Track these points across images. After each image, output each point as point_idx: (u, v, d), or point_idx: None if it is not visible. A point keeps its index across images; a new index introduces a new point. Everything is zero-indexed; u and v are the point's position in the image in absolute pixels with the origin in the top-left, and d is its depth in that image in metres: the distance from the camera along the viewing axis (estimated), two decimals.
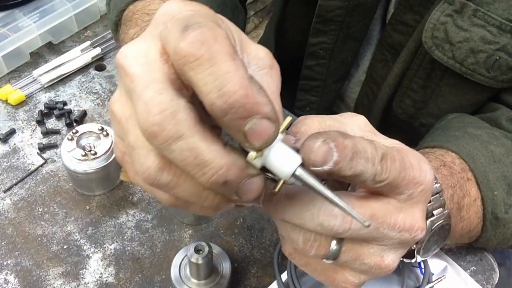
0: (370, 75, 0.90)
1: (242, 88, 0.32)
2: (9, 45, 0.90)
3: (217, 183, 0.34)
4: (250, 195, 0.36)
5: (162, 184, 0.36)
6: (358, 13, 0.81)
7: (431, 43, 0.71)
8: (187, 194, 0.37)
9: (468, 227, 0.61)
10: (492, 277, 0.70)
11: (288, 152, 0.37)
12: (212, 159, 0.34)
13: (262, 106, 0.33)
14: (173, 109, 0.33)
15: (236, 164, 0.35)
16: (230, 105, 0.32)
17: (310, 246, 0.42)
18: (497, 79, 0.70)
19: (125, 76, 0.36)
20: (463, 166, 0.62)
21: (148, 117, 0.33)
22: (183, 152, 0.34)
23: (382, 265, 0.43)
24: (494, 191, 0.61)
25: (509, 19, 0.66)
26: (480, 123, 0.72)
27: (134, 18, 0.70)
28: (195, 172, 0.34)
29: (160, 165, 0.36)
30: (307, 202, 0.41)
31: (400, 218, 0.42)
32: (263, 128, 0.33)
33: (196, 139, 0.34)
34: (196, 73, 0.33)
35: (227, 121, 0.33)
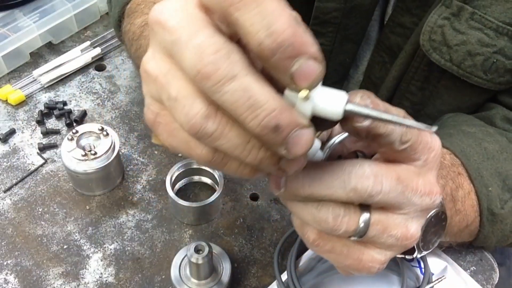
0: (368, 77, 0.90)
1: (290, 27, 0.32)
2: (9, 45, 0.90)
3: (269, 127, 0.33)
4: (299, 148, 0.35)
5: (207, 133, 0.35)
6: (355, 15, 0.82)
7: (429, 46, 0.71)
8: (231, 145, 0.36)
9: (466, 221, 0.62)
10: (492, 277, 0.70)
11: (331, 92, 0.36)
12: (265, 100, 0.33)
13: (309, 46, 0.33)
14: (227, 49, 0.33)
15: (289, 109, 0.34)
16: (279, 44, 0.32)
17: (340, 222, 0.41)
18: (494, 82, 0.70)
19: (162, 31, 0.35)
20: (454, 162, 0.63)
21: (201, 59, 0.33)
22: (236, 93, 0.33)
23: (408, 235, 0.43)
24: (488, 187, 0.62)
25: (506, 22, 0.66)
26: (475, 121, 0.73)
27: (140, 8, 0.70)
28: (246, 114, 0.33)
29: (207, 112, 0.35)
30: (336, 169, 0.40)
31: (420, 182, 0.42)
32: (311, 68, 0.33)
33: (250, 79, 0.33)
34: (242, 13, 0.32)
35: (276, 61, 0.33)
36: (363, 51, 0.91)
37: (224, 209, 0.76)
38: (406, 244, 0.44)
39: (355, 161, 0.40)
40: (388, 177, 0.40)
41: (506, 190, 0.63)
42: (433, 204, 0.44)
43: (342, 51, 0.88)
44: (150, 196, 0.77)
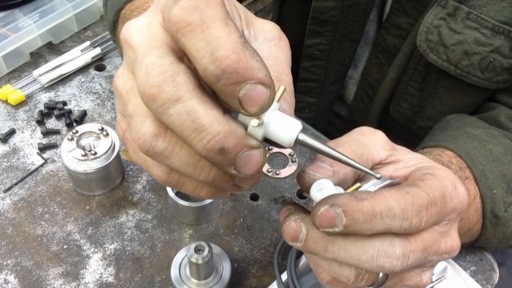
0: (365, 79, 0.90)
1: (234, 53, 0.32)
2: (9, 45, 0.90)
3: (214, 150, 0.33)
4: (248, 168, 0.35)
5: (157, 152, 0.36)
6: (353, 14, 0.82)
7: (426, 46, 0.71)
8: (182, 164, 0.36)
9: (468, 226, 0.61)
10: (492, 277, 0.70)
11: (288, 119, 0.36)
12: (209, 124, 0.33)
13: (255, 71, 0.33)
14: (172, 71, 0.33)
15: (235, 132, 0.34)
16: (223, 71, 0.32)
17: (360, 280, 0.42)
18: (492, 80, 0.70)
19: (128, 49, 0.36)
20: (461, 165, 0.63)
21: (147, 80, 0.33)
22: (180, 116, 0.33)
23: (420, 284, 0.44)
24: (493, 189, 0.62)
25: (502, 21, 0.66)
26: (479, 122, 0.73)
27: (133, 15, 0.71)
28: (192, 137, 0.33)
29: (155, 131, 0.35)
30: (365, 243, 0.40)
31: (443, 243, 0.42)
32: (258, 93, 0.33)
33: (194, 102, 0.33)
34: (188, 39, 0.32)
35: (221, 87, 0.33)
36: (362, 51, 0.90)
37: (224, 209, 0.76)
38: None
39: (385, 238, 0.40)
40: (415, 251, 0.40)
41: (510, 193, 0.63)
42: (450, 257, 0.44)
43: (340, 50, 0.88)
44: (150, 196, 0.77)
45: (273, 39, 0.40)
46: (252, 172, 0.35)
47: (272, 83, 0.34)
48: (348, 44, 0.87)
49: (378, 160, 0.47)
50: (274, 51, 0.39)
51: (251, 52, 0.33)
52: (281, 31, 0.41)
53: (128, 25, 0.37)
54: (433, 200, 0.40)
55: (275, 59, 0.39)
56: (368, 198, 0.39)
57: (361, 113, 0.93)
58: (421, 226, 0.40)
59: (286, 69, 0.40)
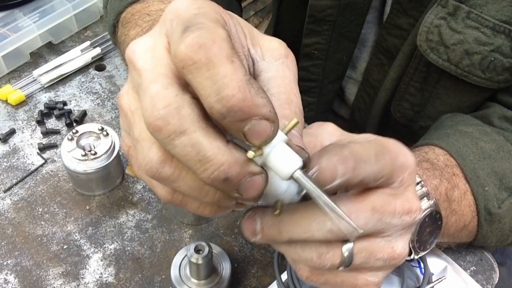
0: (366, 79, 0.90)
1: (240, 92, 0.32)
2: (9, 45, 0.90)
3: (218, 180, 0.34)
4: (251, 192, 0.36)
5: (163, 177, 0.37)
6: (350, 12, 0.82)
7: (426, 46, 0.71)
8: (188, 188, 0.37)
9: (463, 221, 0.62)
10: (492, 277, 0.70)
11: (289, 153, 0.37)
12: (213, 156, 0.34)
13: (260, 108, 0.33)
14: (177, 104, 0.34)
15: (238, 161, 0.35)
16: (229, 109, 0.32)
17: (325, 258, 0.42)
18: (493, 80, 0.70)
19: (133, 71, 0.37)
20: (448, 163, 0.63)
21: (153, 112, 0.34)
22: (185, 148, 0.34)
23: (395, 255, 0.44)
24: (485, 186, 0.62)
25: (503, 20, 0.66)
26: (472, 120, 0.73)
27: (134, 19, 0.70)
28: (196, 168, 0.34)
29: (162, 157, 0.36)
30: (310, 213, 0.41)
31: (398, 204, 0.42)
32: (262, 128, 0.34)
33: (198, 135, 0.34)
34: (194, 77, 0.33)
35: (227, 124, 0.33)
36: (361, 52, 0.90)
37: None
38: (395, 263, 0.45)
39: None
40: (363, 211, 0.40)
41: (503, 189, 0.63)
42: (414, 220, 0.44)
43: (338, 49, 0.88)
44: (150, 196, 0.77)
45: (280, 57, 0.40)
46: (255, 195, 0.37)
47: (276, 117, 0.34)
48: (346, 43, 0.87)
49: None
50: (282, 70, 0.40)
51: (256, 89, 0.34)
52: (287, 49, 0.41)
53: (132, 46, 0.37)
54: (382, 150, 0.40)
55: (284, 78, 0.39)
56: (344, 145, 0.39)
57: (362, 113, 0.93)
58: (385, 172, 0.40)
59: (294, 89, 0.40)
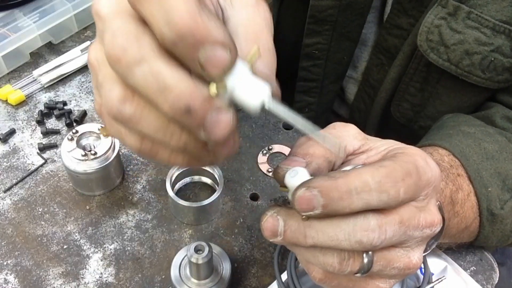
0: (366, 79, 0.90)
1: (189, 16, 0.31)
2: (9, 45, 0.90)
3: (180, 110, 0.33)
4: (218, 131, 0.34)
5: (125, 117, 0.36)
6: (351, 12, 0.82)
7: (426, 46, 0.71)
8: (152, 129, 0.36)
9: (465, 223, 0.62)
10: (492, 277, 0.70)
11: (255, 82, 0.35)
12: (175, 84, 0.33)
13: (213, 33, 0.32)
14: (137, 33, 0.33)
15: (201, 92, 0.33)
16: (179, 35, 0.32)
17: (345, 265, 0.42)
18: (493, 80, 0.70)
19: (98, 21, 0.36)
20: (453, 163, 0.63)
21: (112, 42, 0.33)
22: (145, 77, 0.33)
23: (410, 265, 0.44)
24: (488, 187, 0.62)
25: (503, 20, 0.66)
26: (474, 121, 0.73)
27: None
28: (157, 98, 0.33)
29: (122, 95, 0.35)
30: (340, 222, 0.40)
31: (422, 217, 0.43)
32: (218, 55, 0.32)
33: (159, 63, 0.33)
34: (144, 7, 0.32)
35: (180, 51, 0.32)
36: (361, 52, 0.91)
37: (224, 209, 0.76)
38: (409, 272, 0.45)
39: (359, 213, 0.40)
40: (392, 224, 0.40)
41: (506, 190, 0.63)
42: (434, 233, 0.45)
43: (339, 49, 0.88)
44: (150, 196, 0.77)
45: (250, 5, 0.40)
46: (222, 135, 0.35)
47: (232, 43, 0.33)
48: (347, 43, 0.87)
49: (351, 150, 0.48)
50: (252, 15, 0.39)
51: (208, 14, 0.33)
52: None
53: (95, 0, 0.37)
54: (408, 171, 0.40)
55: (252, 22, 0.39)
56: (342, 175, 0.39)
57: (362, 114, 0.94)
58: (399, 197, 0.40)
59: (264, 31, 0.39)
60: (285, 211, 0.43)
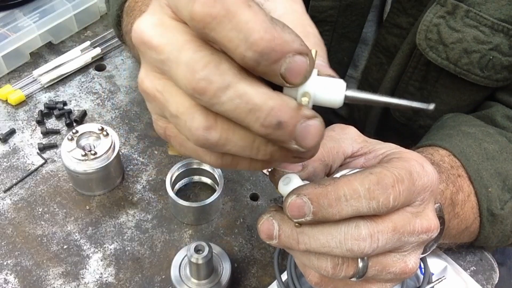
0: (365, 78, 0.90)
1: (267, 33, 0.32)
2: (9, 45, 0.90)
3: (271, 126, 0.33)
4: (310, 139, 0.35)
5: (212, 143, 0.36)
6: (351, 13, 0.82)
7: (425, 45, 0.71)
8: (238, 149, 0.36)
9: (465, 224, 0.61)
10: (492, 277, 0.70)
11: (329, 80, 0.36)
12: (262, 102, 0.33)
13: (291, 44, 0.33)
14: (215, 61, 0.33)
15: (289, 104, 0.34)
16: (261, 53, 0.32)
17: (339, 270, 0.42)
18: (491, 78, 0.70)
19: (149, 50, 0.36)
20: (453, 164, 0.63)
21: (193, 75, 0.33)
22: (233, 101, 0.33)
23: (406, 269, 0.44)
24: (488, 188, 0.62)
25: (501, 19, 0.66)
26: (474, 121, 0.73)
27: (138, 6, 0.70)
28: (248, 119, 0.33)
29: (207, 124, 0.35)
30: (332, 229, 0.40)
31: (417, 223, 0.42)
32: (298, 64, 0.33)
33: (244, 85, 0.33)
34: (218, 33, 0.32)
35: (263, 69, 0.33)
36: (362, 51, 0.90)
37: (224, 209, 0.76)
38: (405, 277, 0.45)
39: (351, 221, 0.40)
40: (384, 232, 0.40)
41: (506, 190, 0.63)
42: (430, 238, 0.44)
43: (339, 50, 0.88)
44: (150, 196, 0.77)
45: None
46: (314, 144, 0.35)
47: (308, 49, 0.34)
48: (347, 43, 0.87)
49: (350, 153, 0.48)
50: (289, 5, 0.39)
51: (282, 26, 0.33)
52: None
53: (138, 27, 0.36)
54: (399, 178, 0.40)
55: (294, 13, 0.39)
56: (332, 183, 0.40)
57: (361, 113, 0.93)
58: (390, 204, 0.40)
59: (307, 20, 0.40)
60: (280, 215, 0.43)
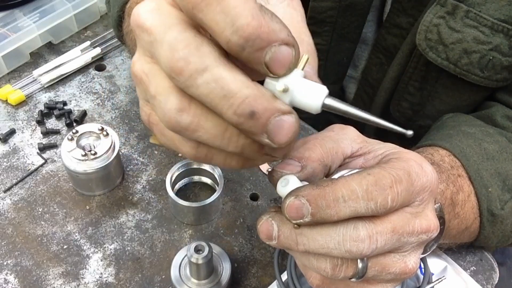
0: (365, 79, 0.90)
1: (254, 19, 0.32)
2: (9, 45, 0.90)
3: (244, 114, 0.33)
4: (282, 135, 0.35)
5: (183, 127, 0.36)
6: (350, 13, 0.82)
7: (425, 45, 0.71)
8: (209, 136, 0.36)
9: (465, 224, 0.61)
10: (492, 277, 0.70)
11: (313, 84, 0.36)
12: (238, 89, 0.33)
13: (277, 33, 0.33)
14: (197, 43, 0.33)
15: (265, 95, 0.34)
16: (246, 39, 0.32)
17: (338, 271, 0.42)
18: (491, 79, 0.70)
19: (142, 33, 0.36)
20: (453, 164, 0.63)
21: (173, 55, 0.33)
22: (208, 85, 0.33)
23: (406, 270, 0.44)
24: (488, 188, 0.62)
25: (501, 19, 0.66)
26: (474, 121, 0.73)
27: None
28: (222, 104, 0.33)
29: (180, 105, 0.35)
30: (330, 230, 0.40)
31: (417, 223, 0.42)
32: (283, 54, 0.33)
33: (221, 70, 0.33)
34: (206, 14, 0.32)
35: (247, 55, 0.33)
36: (362, 51, 0.90)
37: (224, 209, 0.76)
38: (406, 277, 0.45)
39: (349, 222, 0.40)
40: (383, 233, 0.40)
41: (506, 190, 0.63)
42: (430, 238, 0.44)
43: (339, 50, 0.88)
44: (150, 196, 0.77)
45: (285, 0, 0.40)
46: (286, 141, 0.35)
47: (295, 41, 0.34)
48: (347, 44, 0.87)
49: (349, 153, 0.48)
50: (289, 11, 0.40)
51: (270, 15, 0.33)
52: None
53: (136, 10, 0.37)
54: (397, 178, 0.40)
55: (292, 19, 0.39)
56: (330, 184, 0.39)
57: None
58: (388, 205, 0.40)
59: (304, 28, 0.40)
60: (280, 217, 0.43)
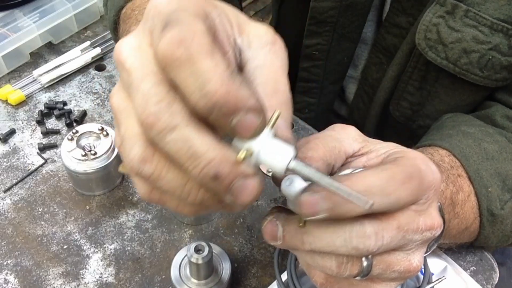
0: (364, 78, 0.90)
1: (223, 86, 0.32)
2: (9, 45, 0.90)
3: (208, 176, 0.34)
4: (245, 197, 0.35)
5: (145, 176, 0.37)
6: (351, 13, 0.82)
7: (425, 44, 0.71)
8: (169, 187, 0.36)
9: (465, 224, 0.61)
10: (492, 277, 0.70)
11: (280, 145, 0.36)
12: (204, 151, 0.34)
13: (245, 101, 0.33)
14: (168, 100, 0.34)
15: (229, 159, 0.34)
16: (213, 105, 0.32)
17: (344, 268, 0.42)
18: (491, 78, 0.70)
19: (122, 71, 0.37)
20: (453, 164, 0.63)
21: (145, 108, 0.34)
22: (176, 143, 0.34)
23: (411, 268, 0.44)
24: (488, 187, 0.62)
25: (501, 19, 0.66)
26: (474, 121, 0.73)
27: (134, 15, 0.70)
28: (187, 164, 0.34)
29: (143, 156, 0.36)
30: (336, 228, 0.40)
31: (421, 221, 0.42)
32: (249, 121, 0.34)
33: (189, 130, 0.34)
34: (177, 74, 0.33)
35: (214, 119, 0.33)
36: (362, 51, 0.91)
37: None
38: (410, 275, 0.45)
39: (355, 220, 0.40)
40: (389, 230, 0.40)
41: (506, 190, 0.63)
42: (434, 236, 0.44)
43: (339, 50, 0.88)
44: None
45: (267, 44, 0.40)
46: (248, 201, 0.36)
47: (261, 108, 0.34)
48: (347, 44, 0.87)
49: (351, 152, 0.48)
50: (269, 58, 0.40)
51: (239, 82, 0.33)
52: (274, 35, 0.41)
53: (119, 46, 0.37)
54: (410, 175, 0.40)
55: (271, 66, 0.39)
56: (345, 179, 0.39)
57: (361, 113, 0.94)
58: (402, 200, 0.40)
59: (282, 76, 0.40)
60: (284, 216, 0.43)
